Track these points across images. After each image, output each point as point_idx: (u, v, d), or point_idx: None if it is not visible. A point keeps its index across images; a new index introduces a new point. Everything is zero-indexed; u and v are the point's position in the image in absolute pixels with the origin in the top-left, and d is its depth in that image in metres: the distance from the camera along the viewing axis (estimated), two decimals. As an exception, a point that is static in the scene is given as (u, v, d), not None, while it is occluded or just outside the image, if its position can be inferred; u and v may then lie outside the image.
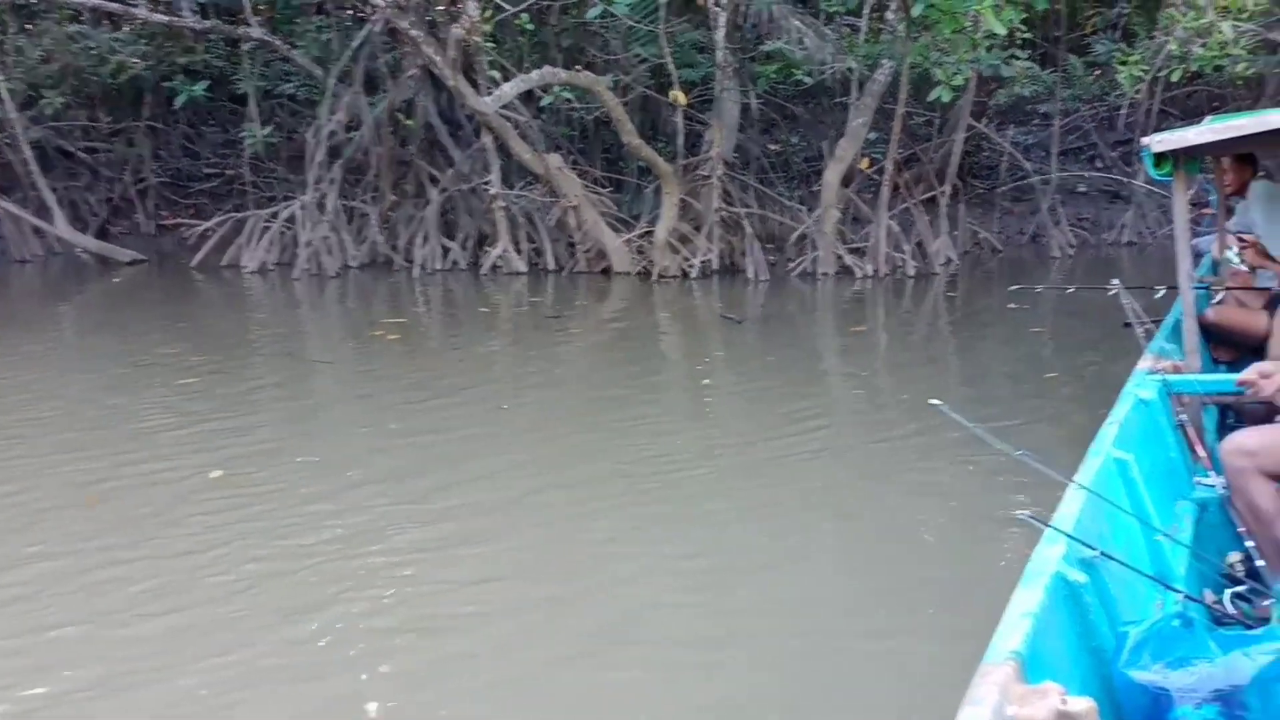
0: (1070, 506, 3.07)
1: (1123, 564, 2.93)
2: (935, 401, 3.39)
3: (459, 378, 9.46)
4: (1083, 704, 1.99)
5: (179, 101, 16.34)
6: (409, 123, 15.89)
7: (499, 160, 14.77)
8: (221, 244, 15.73)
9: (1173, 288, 6.20)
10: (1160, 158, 4.81)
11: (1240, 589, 3.95)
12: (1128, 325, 6.30)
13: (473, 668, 4.51)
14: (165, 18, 15.33)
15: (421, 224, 15.41)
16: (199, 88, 15.81)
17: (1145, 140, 4.84)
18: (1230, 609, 3.89)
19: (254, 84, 16.16)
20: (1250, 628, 3.78)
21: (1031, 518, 2.80)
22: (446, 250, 15.36)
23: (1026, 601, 2.44)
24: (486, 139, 14.65)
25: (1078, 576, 2.70)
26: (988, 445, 3.24)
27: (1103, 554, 2.85)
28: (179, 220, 17.52)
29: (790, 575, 5.32)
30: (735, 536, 5.82)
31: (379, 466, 6.90)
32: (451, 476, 6.69)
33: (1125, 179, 16.69)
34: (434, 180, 15.68)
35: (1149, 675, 2.41)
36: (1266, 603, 3.77)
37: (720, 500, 6.36)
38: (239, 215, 16.07)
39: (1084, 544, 2.84)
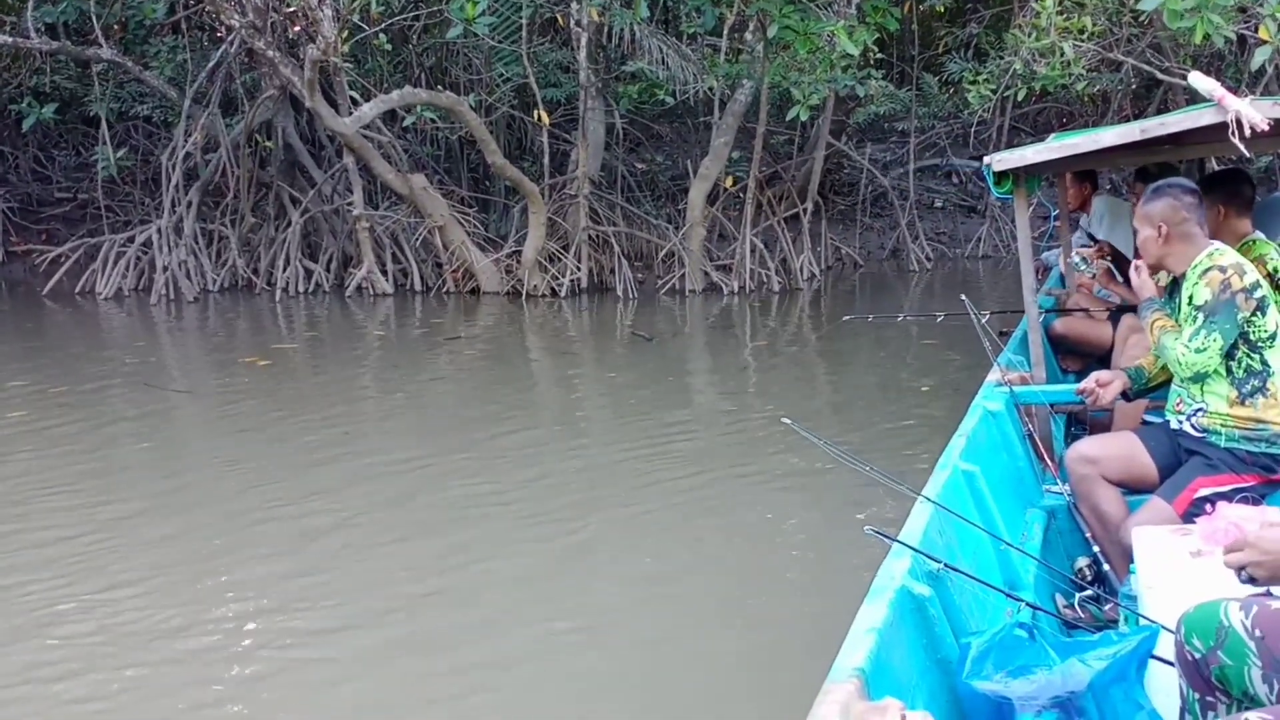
0: (917, 520, 3.13)
1: (968, 576, 3.00)
2: (787, 420, 3.43)
3: (352, 406, 9.28)
4: (920, 718, 2.03)
5: (27, 124, 15.75)
6: (268, 144, 15.58)
7: (362, 181, 14.59)
8: (75, 270, 15.23)
9: (1015, 311, 6.40)
10: (1001, 176, 4.95)
11: (1089, 593, 4.09)
12: (1004, 334, 6.47)
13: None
14: (10, 39, 14.79)
15: (283, 246, 15.10)
16: (48, 110, 15.26)
17: (986, 159, 4.98)
18: (1081, 613, 4.02)
19: (106, 106, 15.67)
20: (1101, 630, 3.91)
21: (877, 532, 2.85)
22: (310, 272, 15.10)
23: (871, 617, 2.48)
24: (348, 159, 14.46)
25: (922, 590, 2.75)
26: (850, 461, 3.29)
27: (947, 566, 2.90)
28: (30, 246, 16.86)
29: (643, 595, 5.34)
30: (597, 553, 5.87)
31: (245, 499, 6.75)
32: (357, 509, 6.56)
33: (980, 193, 17.17)
34: (295, 202, 15.40)
35: (991, 685, 2.47)
36: (1113, 605, 3.90)
37: (586, 519, 6.37)
38: (93, 240, 15.58)
39: (929, 557, 2.90)
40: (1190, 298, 4.07)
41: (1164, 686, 2.67)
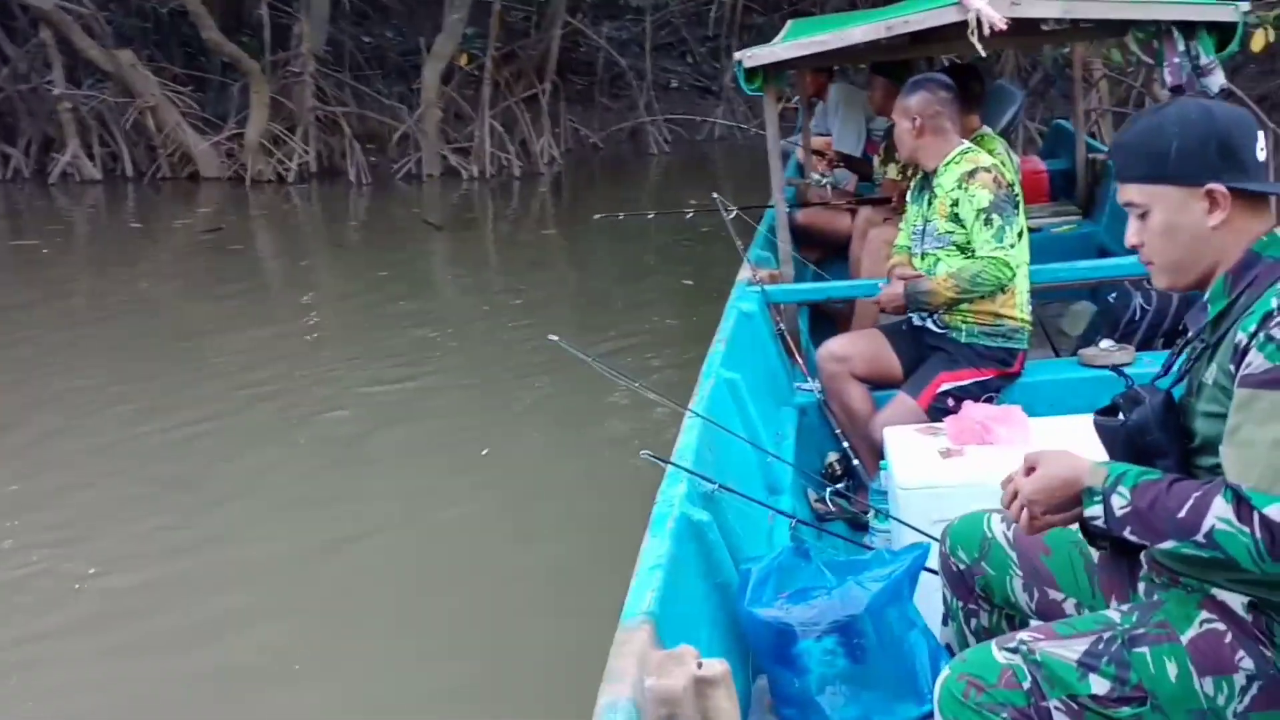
0: (688, 438, 3.08)
1: (740, 494, 2.98)
2: (554, 337, 3.31)
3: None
4: (717, 667, 2.00)
5: None
6: (-49, 16, 14.15)
7: (62, 57, 13.49)
8: None
9: (760, 206, 6.45)
10: (751, 72, 4.91)
11: (839, 486, 4.22)
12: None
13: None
14: None
15: (-25, 129, 13.87)
16: None
17: (737, 55, 4.93)
18: (831, 507, 4.15)
19: None
20: (850, 523, 4.04)
21: (653, 457, 2.78)
22: (7, 158, 13.94)
23: (655, 552, 2.41)
24: (46, 34, 13.32)
25: (701, 515, 2.70)
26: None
27: (721, 487, 2.88)
28: None
29: (410, 532, 5.07)
30: (355, 489, 5.54)
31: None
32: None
33: (715, 74, 17.28)
34: (-14, 81, 14.11)
35: (772, 612, 2.47)
36: (863, 499, 4.03)
37: (335, 449, 6.02)
38: None
39: (704, 478, 2.86)
40: (956, 201, 4.07)
41: (927, 593, 2.74)
